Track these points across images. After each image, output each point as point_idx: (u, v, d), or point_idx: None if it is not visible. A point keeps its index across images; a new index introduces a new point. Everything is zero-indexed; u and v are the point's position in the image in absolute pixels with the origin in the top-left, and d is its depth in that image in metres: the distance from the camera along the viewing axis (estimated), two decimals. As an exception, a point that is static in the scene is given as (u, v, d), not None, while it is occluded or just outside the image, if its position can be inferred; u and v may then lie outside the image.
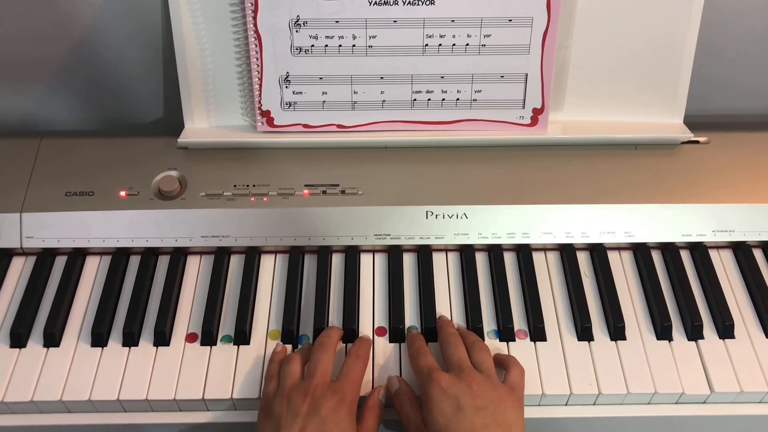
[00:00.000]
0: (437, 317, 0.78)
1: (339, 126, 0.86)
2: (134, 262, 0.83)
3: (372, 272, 0.82)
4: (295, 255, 0.82)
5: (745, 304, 0.80)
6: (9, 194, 0.83)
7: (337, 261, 0.83)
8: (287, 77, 0.83)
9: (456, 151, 0.86)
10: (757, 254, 0.84)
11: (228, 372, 0.74)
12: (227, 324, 0.78)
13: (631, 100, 0.87)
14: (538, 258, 0.83)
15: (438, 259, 0.83)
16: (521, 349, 0.76)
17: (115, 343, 0.76)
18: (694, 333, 0.77)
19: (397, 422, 0.71)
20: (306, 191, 0.83)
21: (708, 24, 0.82)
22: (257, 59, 0.82)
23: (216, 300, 0.79)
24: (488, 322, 0.78)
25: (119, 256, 0.83)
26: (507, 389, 0.69)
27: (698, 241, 0.83)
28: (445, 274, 0.82)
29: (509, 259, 0.83)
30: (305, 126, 0.86)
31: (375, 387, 0.72)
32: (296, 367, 0.71)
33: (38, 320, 0.78)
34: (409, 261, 0.83)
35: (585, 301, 0.79)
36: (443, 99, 0.84)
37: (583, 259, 0.83)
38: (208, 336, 0.76)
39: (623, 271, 0.83)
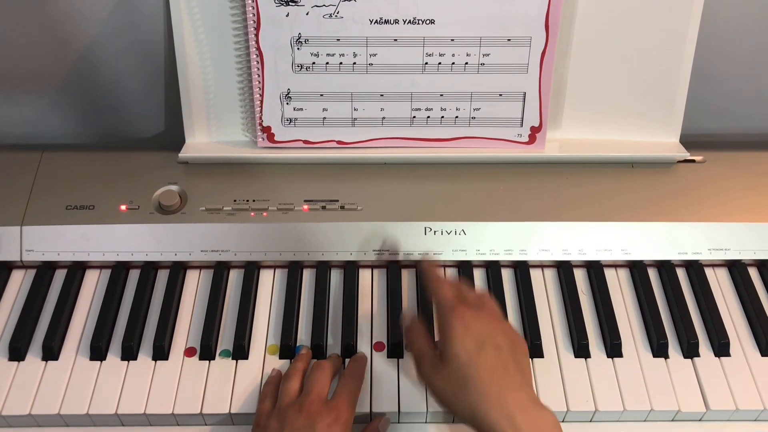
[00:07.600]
0: (424, 264, 0.74)
1: (339, 142, 0.87)
2: (134, 275, 0.83)
3: (370, 287, 0.83)
4: (294, 270, 0.83)
5: (741, 322, 0.80)
6: (9, 207, 0.83)
7: (335, 276, 0.84)
8: (288, 94, 0.84)
9: (455, 168, 0.87)
10: (753, 272, 0.84)
11: (226, 386, 0.74)
12: (226, 338, 0.78)
13: (628, 119, 0.87)
14: (535, 274, 0.83)
15: (436, 275, 0.84)
16: (518, 365, 0.76)
17: (113, 356, 0.76)
18: (690, 350, 0.77)
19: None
20: (305, 206, 0.83)
21: (704, 45, 0.83)
22: (258, 76, 0.82)
23: (215, 314, 0.79)
24: (486, 339, 0.78)
25: (119, 270, 0.83)
26: (519, 334, 0.68)
27: (694, 259, 0.84)
28: (443, 290, 0.82)
29: (507, 276, 0.84)
30: (305, 142, 0.86)
31: (375, 418, 0.72)
32: (294, 385, 0.71)
33: (37, 333, 0.78)
34: (407, 277, 0.83)
35: (582, 318, 0.79)
36: (442, 116, 0.85)
37: (580, 276, 0.84)
38: (206, 350, 0.76)
39: (620, 289, 0.83)
